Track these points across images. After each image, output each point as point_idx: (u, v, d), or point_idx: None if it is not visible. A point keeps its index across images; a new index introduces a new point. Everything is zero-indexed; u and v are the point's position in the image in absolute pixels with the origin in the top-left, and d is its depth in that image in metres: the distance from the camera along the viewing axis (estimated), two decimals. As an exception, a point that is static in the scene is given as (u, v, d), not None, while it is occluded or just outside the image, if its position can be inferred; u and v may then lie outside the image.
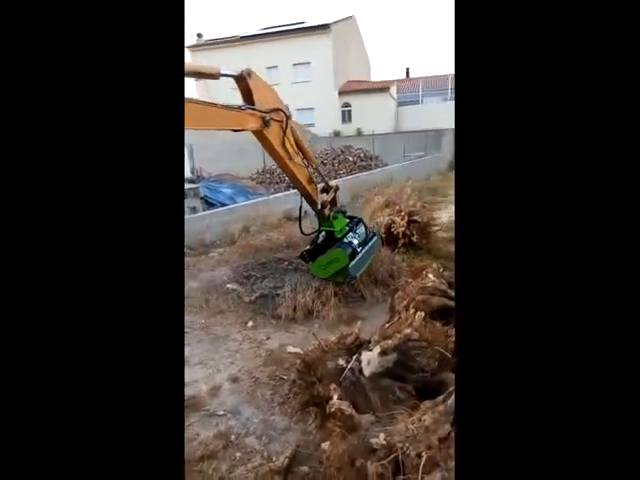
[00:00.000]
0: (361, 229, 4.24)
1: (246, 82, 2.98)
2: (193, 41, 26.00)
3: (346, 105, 24.07)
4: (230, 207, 7.27)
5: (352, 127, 22.55)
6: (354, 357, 2.39)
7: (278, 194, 8.66)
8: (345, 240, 3.92)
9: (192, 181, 8.95)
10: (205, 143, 11.05)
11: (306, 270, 4.09)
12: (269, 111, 3.10)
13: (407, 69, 30.49)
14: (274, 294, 3.97)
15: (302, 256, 4.01)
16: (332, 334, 2.90)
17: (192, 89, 21.43)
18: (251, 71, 3.01)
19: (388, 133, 19.84)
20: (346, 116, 24.07)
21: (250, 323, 3.73)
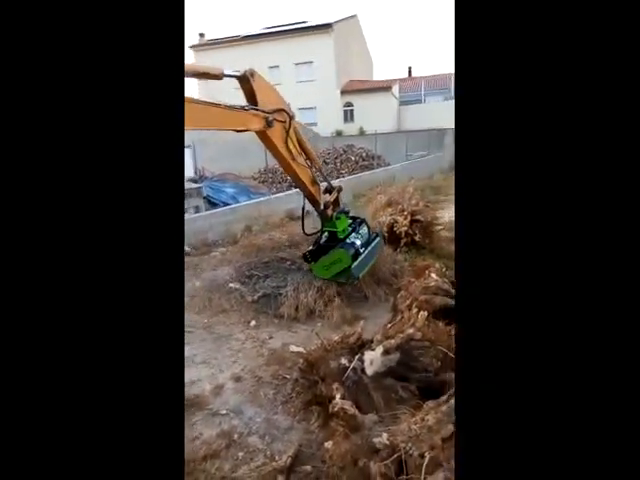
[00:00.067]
0: (364, 230, 4.23)
1: (249, 83, 2.98)
2: (195, 41, 26.05)
3: (348, 104, 24.05)
4: (232, 206, 7.28)
5: (354, 126, 22.52)
6: (357, 356, 2.39)
7: (280, 193, 8.66)
8: (348, 241, 3.90)
9: (195, 181, 8.96)
10: (207, 143, 11.06)
11: (308, 269, 4.09)
12: (272, 111, 3.10)
13: (409, 68, 30.52)
14: (277, 293, 3.98)
15: (304, 257, 4.01)
16: (335, 333, 2.90)
17: (194, 89, 21.47)
18: (254, 71, 3.01)
19: (390, 132, 19.78)
20: (348, 115, 24.05)
21: (253, 322, 3.74)
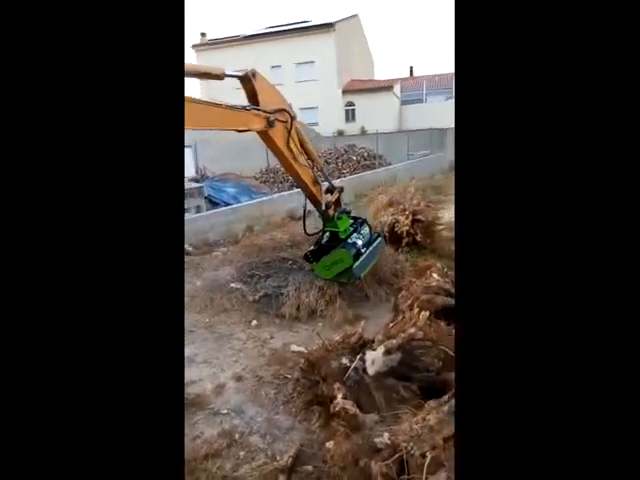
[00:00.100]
0: (365, 230, 4.23)
1: (251, 83, 2.98)
2: (197, 40, 26.08)
3: (350, 104, 24.04)
4: (234, 206, 7.29)
5: (356, 126, 22.51)
6: (358, 356, 2.39)
7: (282, 193, 8.66)
8: (349, 241, 3.91)
9: (196, 180, 8.95)
10: (209, 143, 11.06)
11: (310, 269, 4.09)
12: (274, 112, 3.10)
13: (411, 67, 30.55)
14: (278, 293, 3.98)
15: (306, 257, 4.01)
16: (336, 333, 2.90)
17: (196, 89, 21.50)
18: (256, 72, 3.02)
19: (392, 132, 19.76)
20: (350, 115, 24.05)
21: (254, 322, 3.74)
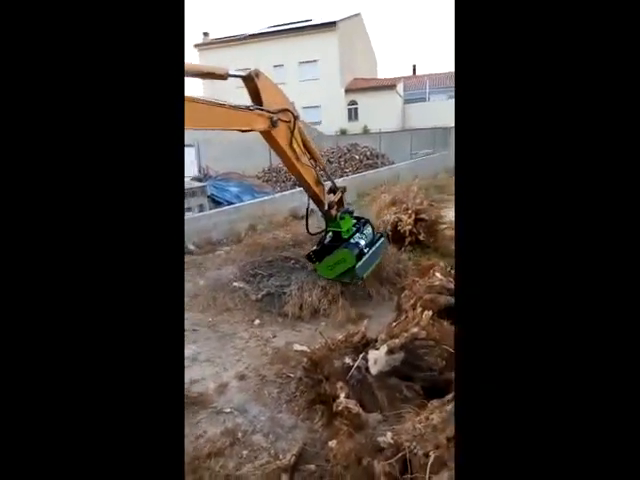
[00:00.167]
0: (368, 230, 4.23)
1: (254, 82, 2.98)
2: (200, 40, 26.10)
3: (352, 103, 24.01)
4: (237, 205, 7.30)
5: (359, 125, 22.50)
6: (361, 356, 2.39)
7: (284, 192, 8.67)
8: (352, 241, 3.91)
9: (199, 179, 8.99)
10: (212, 142, 11.08)
11: (312, 269, 4.09)
12: (277, 112, 3.10)
13: (414, 66, 30.33)
14: (280, 292, 3.98)
15: (309, 256, 4.01)
16: (339, 332, 2.89)
17: (199, 88, 21.52)
18: (259, 72, 3.02)
19: (395, 131, 19.74)
20: (352, 114, 24.01)
21: (257, 321, 3.74)
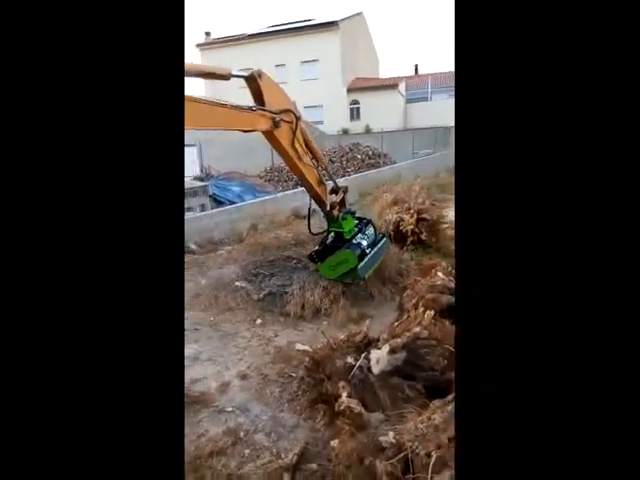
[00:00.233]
0: (370, 230, 4.23)
1: (257, 83, 2.98)
2: (201, 39, 26.10)
3: (354, 102, 23.97)
4: (238, 205, 7.31)
5: (360, 124, 22.45)
6: (363, 355, 2.39)
7: (286, 192, 8.67)
8: (354, 241, 3.90)
9: (201, 179, 9.00)
10: (214, 142, 11.09)
11: (314, 268, 4.09)
12: (279, 112, 3.11)
13: (416, 66, 30.20)
14: (282, 292, 3.98)
15: (311, 257, 4.01)
16: (340, 332, 2.90)
17: (201, 88, 21.54)
18: (262, 72, 3.02)
19: (397, 130, 19.71)
20: (354, 113, 23.98)
21: (259, 320, 3.75)
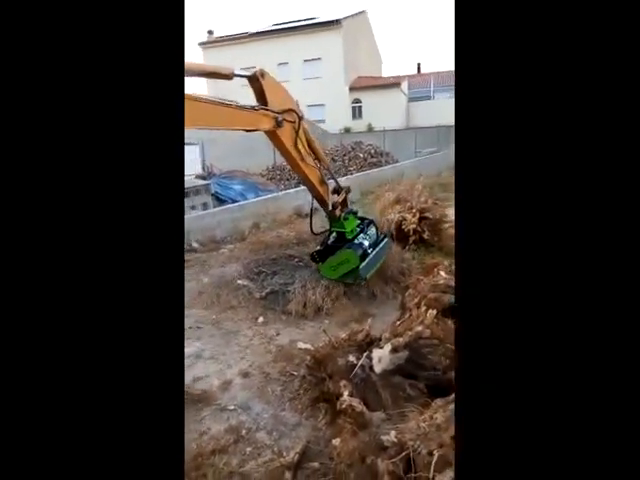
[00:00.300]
0: (372, 230, 4.23)
1: (259, 82, 2.98)
2: (204, 38, 26.11)
3: (357, 101, 23.94)
4: (240, 203, 7.31)
5: (363, 123, 22.44)
6: (365, 354, 2.39)
7: (288, 190, 8.67)
8: (356, 241, 3.90)
9: (203, 177, 9.01)
10: (216, 141, 11.10)
11: (316, 267, 4.09)
12: (282, 112, 3.10)
13: (418, 64, 30.21)
14: (284, 290, 3.98)
15: (312, 257, 4.02)
16: (342, 331, 2.89)
17: (203, 87, 21.56)
18: (265, 72, 3.02)
19: (399, 129, 19.69)
20: (357, 112, 23.95)
21: (260, 319, 3.75)
